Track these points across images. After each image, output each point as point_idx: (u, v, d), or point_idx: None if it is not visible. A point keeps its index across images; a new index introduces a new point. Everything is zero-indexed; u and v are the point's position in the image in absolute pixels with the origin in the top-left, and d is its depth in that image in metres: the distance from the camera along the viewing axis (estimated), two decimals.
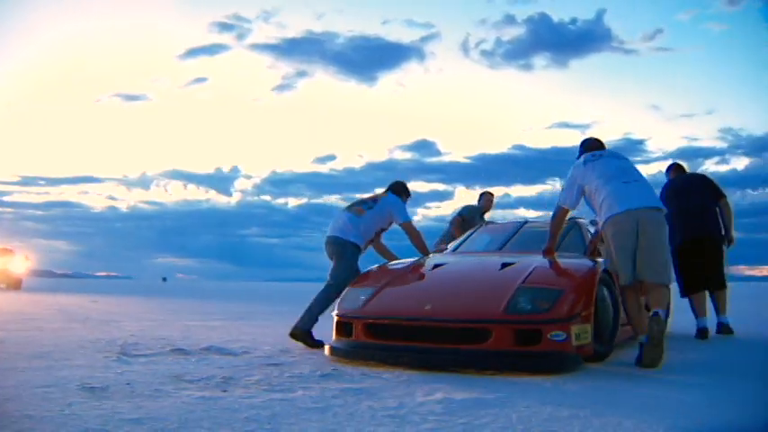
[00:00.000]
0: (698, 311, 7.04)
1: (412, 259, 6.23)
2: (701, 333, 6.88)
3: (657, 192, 6.64)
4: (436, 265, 5.67)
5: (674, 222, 5.98)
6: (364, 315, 5.03)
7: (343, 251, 6.22)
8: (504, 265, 5.26)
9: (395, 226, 6.51)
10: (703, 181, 7.33)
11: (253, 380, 4.09)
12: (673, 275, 5.58)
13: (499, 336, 4.42)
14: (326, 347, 5.31)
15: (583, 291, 4.64)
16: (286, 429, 2.79)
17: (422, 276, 5.52)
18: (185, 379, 4.11)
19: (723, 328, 7.14)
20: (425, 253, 6.34)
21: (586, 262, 5.27)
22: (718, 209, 7.23)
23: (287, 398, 3.50)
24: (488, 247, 6.61)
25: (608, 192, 4.99)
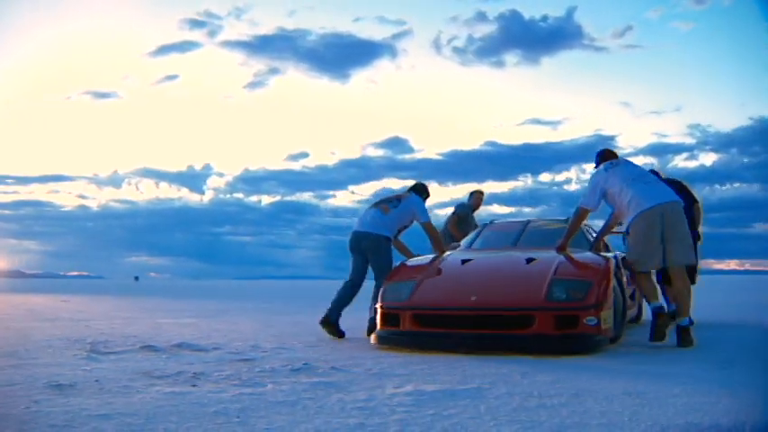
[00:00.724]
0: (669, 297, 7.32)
1: (431, 255, 6.70)
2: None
3: None
4: (464, 260, 6.13)
5: None
6: (413, 306, 5.50)
7: (378, 245, 6.68)
8: (529, 260, 5.82)
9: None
10: (680, 187, 7.62)
11: (223, 375, 4.08)
12: (696, 257, 6.24)
13: (542, 321, 5.04)
14: (372, 336, 5.80)
15: (605, 282, 5.29)
16: (255, 422, 2.79)
17: (457, 270, 5.98)
18: (155, 375, 4.08)
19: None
20: (442, 250, 6.79)
21: (599, 257, 5.91)
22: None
23: (256, 392, 3.50)
24: (501, 243, 7.10)
25: (634, 192, 5.67)
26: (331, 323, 6.59)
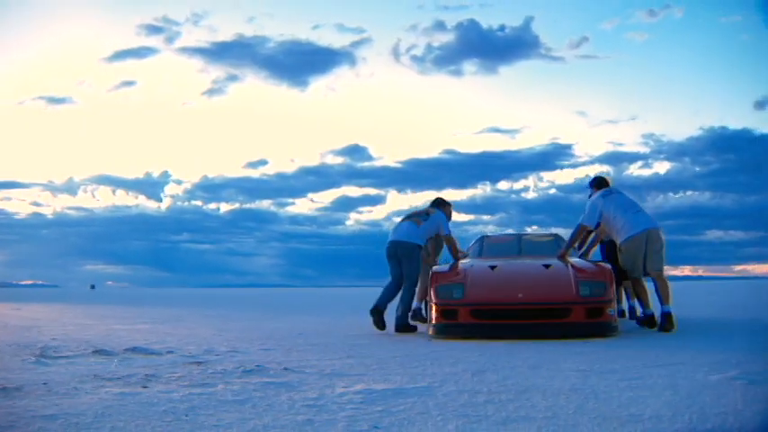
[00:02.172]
0: (630, 295, 8.79)
1: (451, 263, 7.86)
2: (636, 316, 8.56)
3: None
4: (492, 266, 7.20)
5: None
6: (471, 303, 6.56)
7: (412, 252, 7.72)
8: (546, 266, 7.10)
9: None
10: None
11: (174, 377, 4.06)
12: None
13: (576, 313, 6.39)
14: (430, 329, 6.76)
15: (613, 282, 6.72)
16: (203, 420, 2.79)
17: (495, 273, 7.06)
18: (105, 377, 4.05)
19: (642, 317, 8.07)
20: (458, 258, 7.92)
21: (603, 264, 7.20)
22: None
23: (207, 392, 3.49)
24: (507, 253, 8.35)
25: (626, 219, 7.28)
26: (380, 311, 7.65)
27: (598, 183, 7.85)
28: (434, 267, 7.60)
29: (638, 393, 3.33)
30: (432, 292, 6.83)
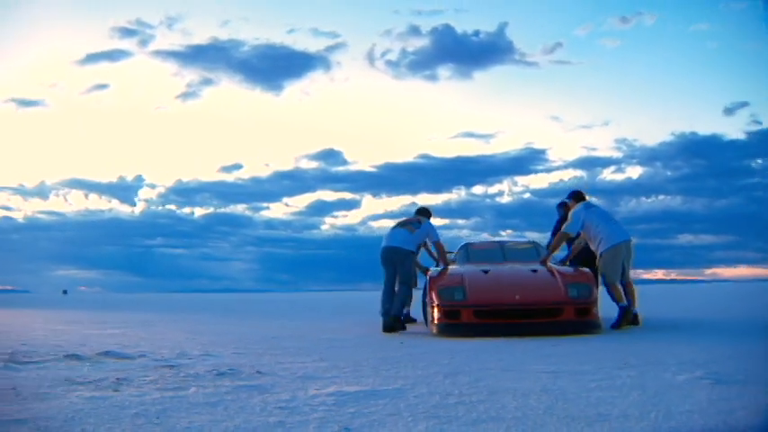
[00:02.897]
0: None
1: (451, 266, 8.44)
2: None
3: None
4: (485, 271, 7.84)
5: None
6: (472, 304, 7.18)
7: (406, 258, 8.30)
8: (534, 271, 7.87)
9: None
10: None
11: (146, 380, 4.04)
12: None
13: (567, 312, 7.12)
14: (434, 328, 7.36)
15: (596, 285, 7.56)
16: (175, 423, 2.79)
17: (489, 278, 7.69)
18: (76, 381, 4.02)
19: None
20: (447, 264, 8.51)
21: (585, 269, 7.86)
22: None
23: (179, 395, 3.49)
24: (493, 259, 8.87)
25: (608, 230, 8.06)
26: (396, 317, 8.15)
27: (577, 196, 8.66)
28: (431, 272, 8.17)
29: (607, 393, 3.37)
30: (433, 295, 7.44)
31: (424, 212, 9.03)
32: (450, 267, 8.32)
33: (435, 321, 7.35)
